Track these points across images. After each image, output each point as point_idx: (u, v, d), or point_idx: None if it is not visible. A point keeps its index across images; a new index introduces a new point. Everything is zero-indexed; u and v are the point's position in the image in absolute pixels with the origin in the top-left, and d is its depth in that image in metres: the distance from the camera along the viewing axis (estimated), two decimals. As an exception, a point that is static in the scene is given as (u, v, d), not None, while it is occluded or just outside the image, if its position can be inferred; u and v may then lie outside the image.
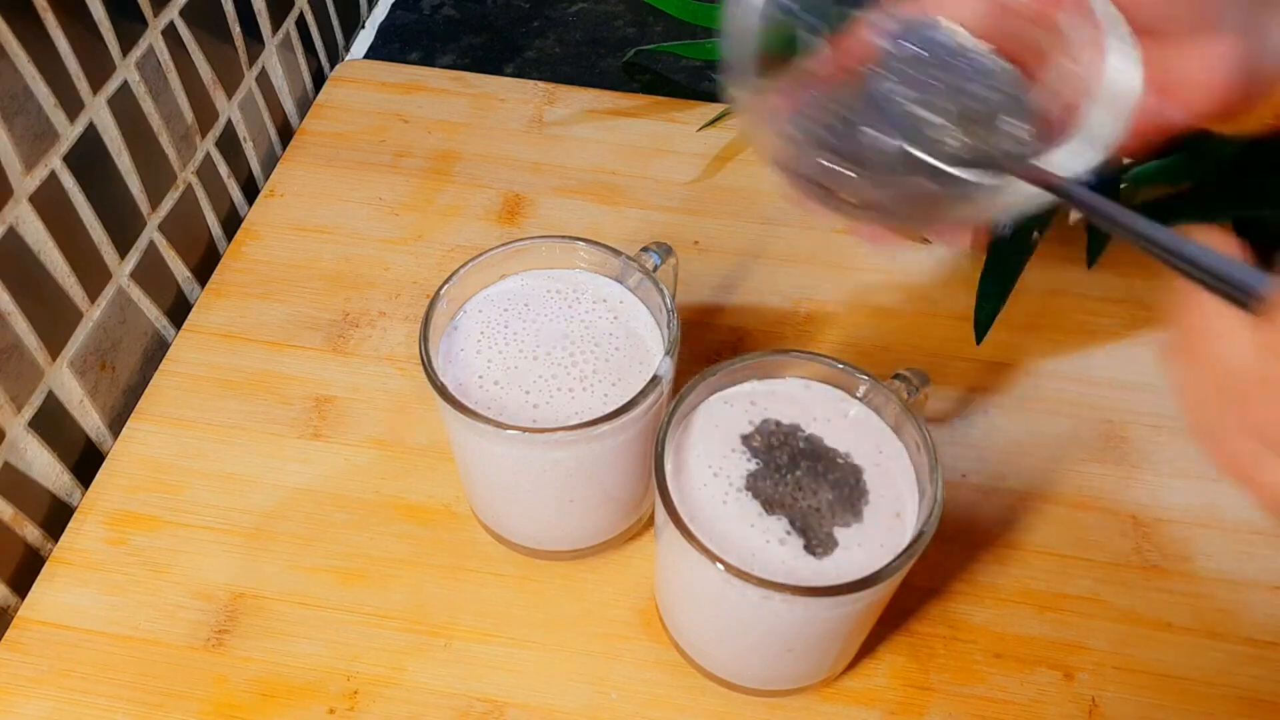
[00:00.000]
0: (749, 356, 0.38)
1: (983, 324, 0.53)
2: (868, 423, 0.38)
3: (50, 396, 0.46)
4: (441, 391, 0.37)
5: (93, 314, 0.48)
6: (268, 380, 0.51)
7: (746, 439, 0.37)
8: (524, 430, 0.36)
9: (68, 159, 0.45)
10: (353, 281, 0.55)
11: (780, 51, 0.34)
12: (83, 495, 0.47)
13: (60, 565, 0.44)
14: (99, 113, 0.47)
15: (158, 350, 0.53)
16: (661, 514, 0.35)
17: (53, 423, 0.46)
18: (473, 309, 0.41)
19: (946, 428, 0.49)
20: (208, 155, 0.56)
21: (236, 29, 0.57)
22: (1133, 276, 0.56)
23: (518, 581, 0.44)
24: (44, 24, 0.42)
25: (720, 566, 0.32)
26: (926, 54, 0.32)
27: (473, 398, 0.38)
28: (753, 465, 0.36)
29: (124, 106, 0.48)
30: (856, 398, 0.38)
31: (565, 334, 0.40)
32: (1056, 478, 0.48)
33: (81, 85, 0.45)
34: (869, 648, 0.42)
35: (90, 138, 0.46)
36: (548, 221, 0.58)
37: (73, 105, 0.45)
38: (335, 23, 0.70)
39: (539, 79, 0.67)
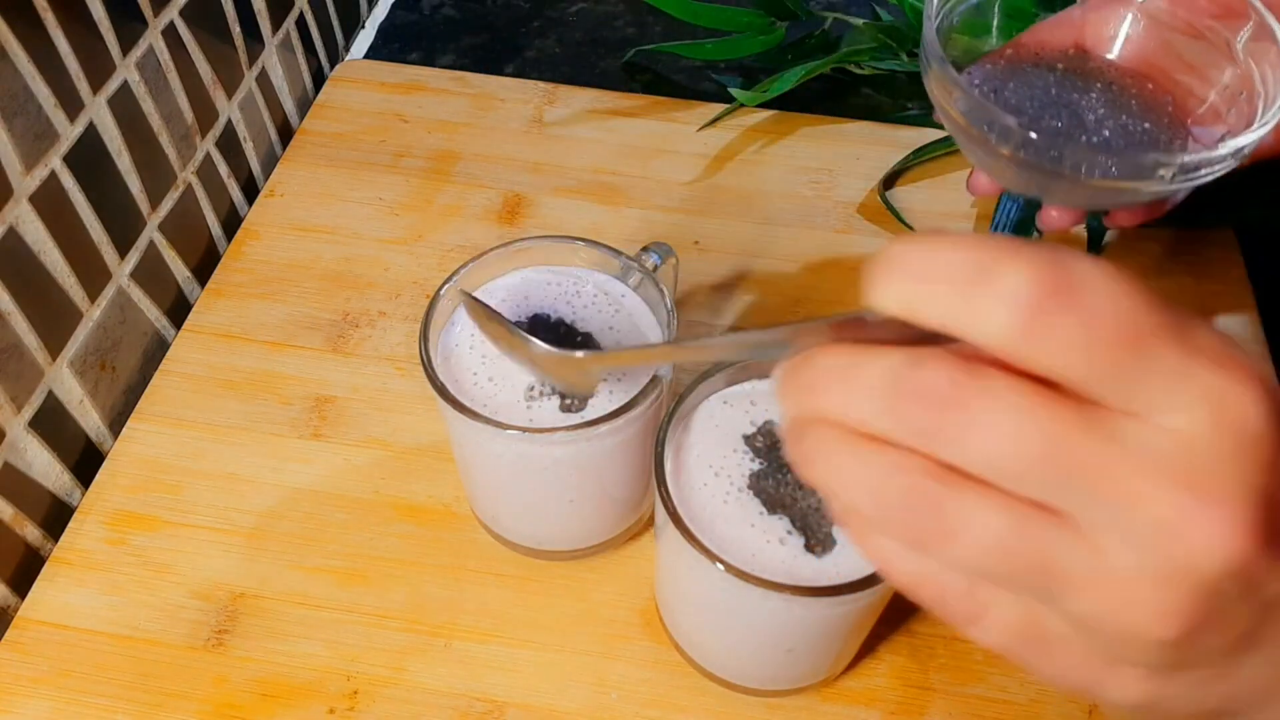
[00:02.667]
0: (749, 356, 0.38)
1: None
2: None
3: (50, 396, 0.46)
4: (441, 391, 0.37)
5: (93, 314, 0.48)
6: (268, 380, 0.51)
7: (749, 439, 0.37)
8: (523, 430, 0.36)
9: (68, 159, 0.45)
10: (353, 281, 0.55)
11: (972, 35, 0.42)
12: (83, 495, 0.47)
13: (60, 565, 0.44)
14: (99, 113, 0.47)
15: (158, 350, 0.53)
16: (661, 514, 0.35)
17: (53, 423, 0.46)
18: (473, 309, 0.41)
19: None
20: (208, 155, 0.56)
21: (236, 29, 0.57)
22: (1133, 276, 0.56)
23: (518, 581, 0.44)
24: (44, 24, 0.42)
25: (720, 566, 0.32)
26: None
27: (472, 397, 0.38)
28: (755, 465, 0.36)
29: (124, 106, 0.48)
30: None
31: (565, 333, 0.40)
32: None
33: (81, 85, 0.45)
34: (869, 648, 0.42)
35: (90, 138, 0.46)
36: (548, 221, 0.58)
37: (73, 105, 0.45)
38: (335, 23, 0.70)
39: (539, 79, 0.67)
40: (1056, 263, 0.18)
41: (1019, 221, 0.48)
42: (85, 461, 0.48)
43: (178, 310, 0.55)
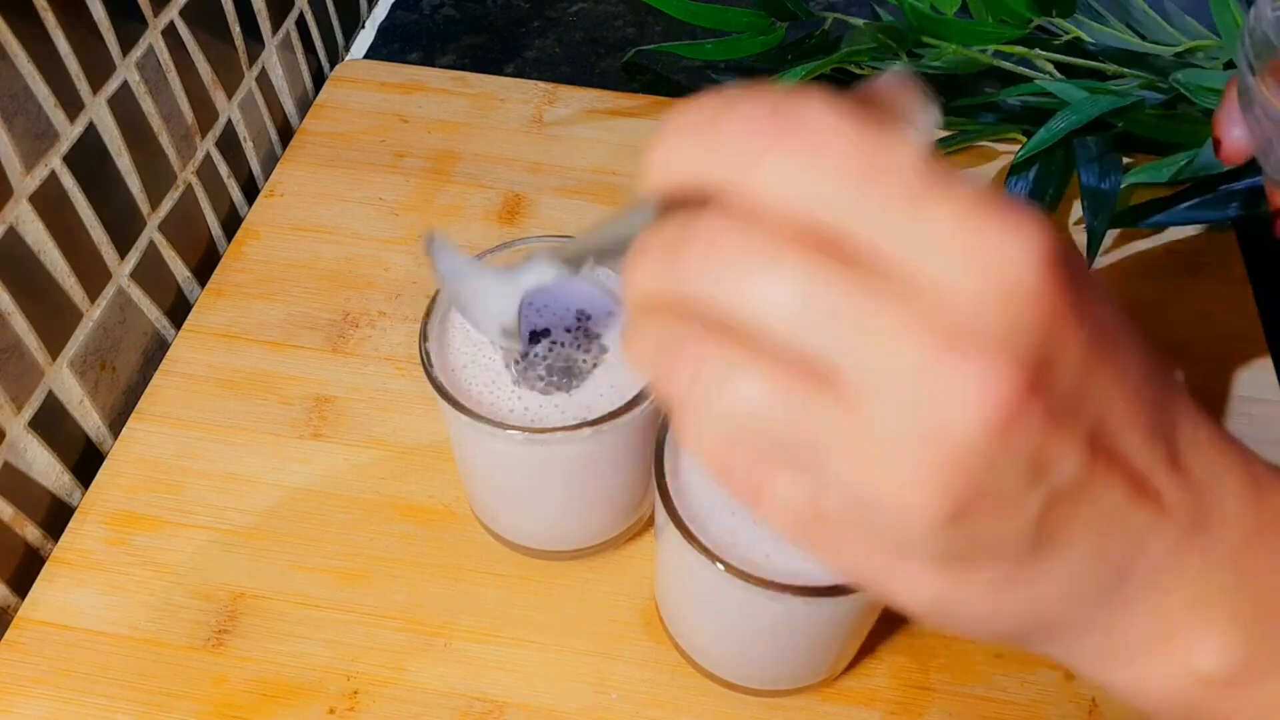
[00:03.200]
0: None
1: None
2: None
3: (50, 396, 0.46)
4: (441, 391, 0.37)
5: (93, 314, 0.48)
6: (268, 380, 0.51)
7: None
8: (524, 429, 0.36)
9: (68, 159, 0.45)
10: (353, 281, 0.55)
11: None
12: (83, 495, 0.47)
13: (60, 565, 0.44)
14: (99, 113, 0.47)
15: (158, 350, 0.53)
16: (661, 514, 0.35)
17: (53, 423, 0.46)
18: (473, 309, 0.41)
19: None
20: (208, 155, 0.56)
21: (236, 29, 0.57)
22: (1133, 276, 0.56)
23: (518, 581, 0.44)
24: (44, 24, 0.42)
25: (720, 566, 0.32)
26: None
27: (471, 397, 0.38)
28: (753, 465, 0.36)
29: (124, 106, 0.48)
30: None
31: (565, 334, 0.40)
32: (1056, 478, 0.48)
33: (81, 85, 0.45)
34: (869, 648, 0.42)
35: (90, 138, 0.46)
36: (548, 221, 0.58)
37: (73, 105, 0.45)
38: (335, 23, 0.70)
39: (539, 79, 0.67)
40: (775, 102, 0.17)
41: None
42: (85, 461, 0.48)
43: (178, 310, 0.55)
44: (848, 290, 0.17)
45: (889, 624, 0.43)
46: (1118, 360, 0.18)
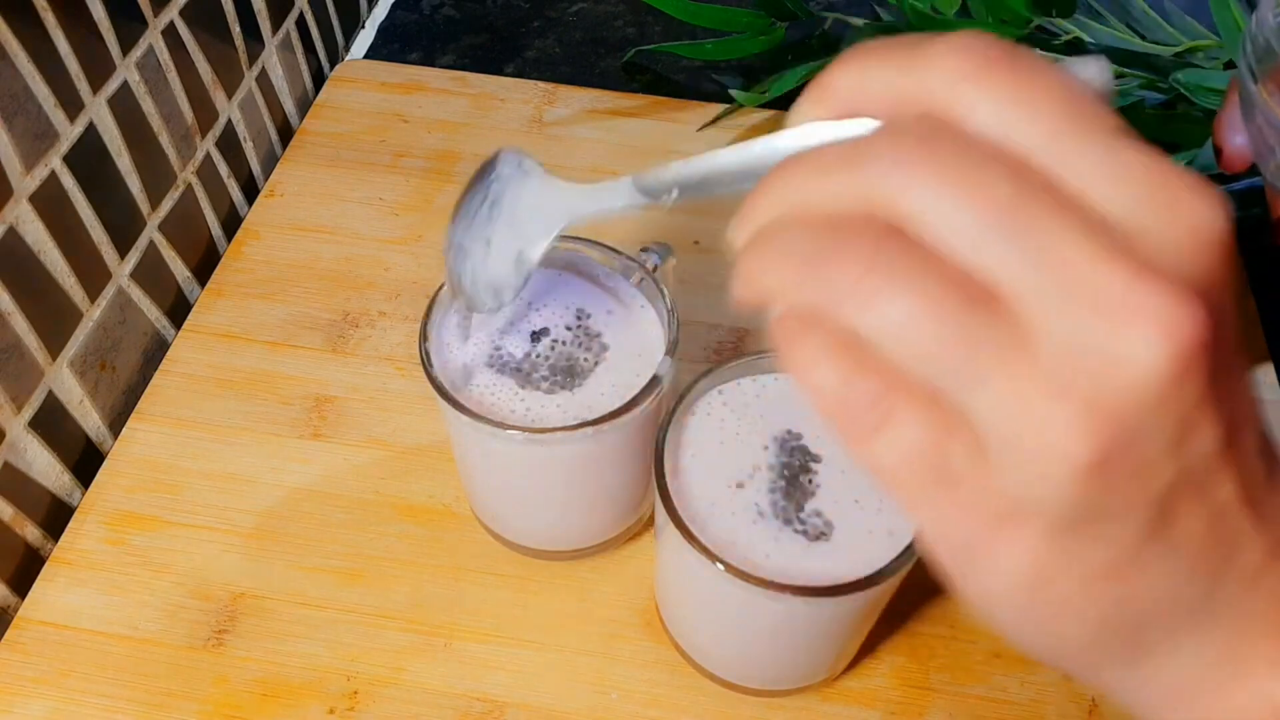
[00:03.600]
0: (749, 356, 0.38)
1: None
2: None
3: (50, 396, 0.46)
4: (441, 391, 0.37)
5: (93, 314, 0.48)
6: (268, 380, 0.51)
7: (748, 439, 0.37)
8: (524, 430, 0.36)
9: (68, 159, 0.45)
10: (353, 281, 0.55)
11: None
12: (83, 495, 0.47)
13: (60, 565, 0.44)
14: (99, 113, 0.47)
15: (158, 350, 0.53)
16: (661, 514, 0.35)
17: (53, 423, 0.46)
18: (473, 309, 0.41)
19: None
20: (208, 155, 0.56)
21: (236, 29, 0.57)
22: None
23: (518, 581, 0.44)
24: (44, 24, 0.42)
25: (720, 566, 0.32)
26: None
27: (471, 397, 0.38)
28: (754, 464, 0.36)
29: (124, 106, 0.48)
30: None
31: (565, 333, 0.40)
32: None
33: (81, 85, 0.45)
34: (869, 648, 0.42)
35: (90, 138, 0.46)
36: (548, 221, 0.58)
37: (73, 105, 0.45)
38: (335, 23, 0.70)
39: (539, 79, 0.67)
40: (979, 37, 0.18)
41: None
42: (85, 461, 0.48)
43: (178, 310, 0.55)
44: (1042, 209, 0.17)
45: (889, 624, 0.43)
46: (1244, 363, 0.19)
